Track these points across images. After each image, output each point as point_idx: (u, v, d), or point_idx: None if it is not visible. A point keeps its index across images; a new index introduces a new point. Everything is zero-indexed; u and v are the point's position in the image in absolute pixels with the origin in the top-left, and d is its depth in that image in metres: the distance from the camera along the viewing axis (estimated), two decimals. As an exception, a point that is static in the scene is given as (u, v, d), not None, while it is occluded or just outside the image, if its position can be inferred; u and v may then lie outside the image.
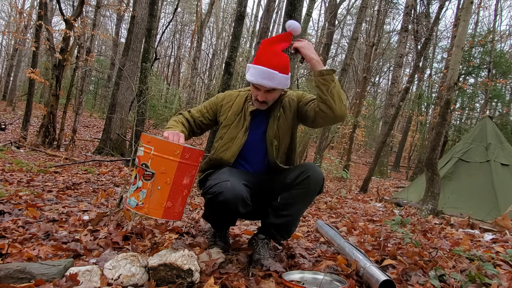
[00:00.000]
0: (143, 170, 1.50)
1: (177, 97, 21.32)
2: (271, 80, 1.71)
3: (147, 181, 1.49)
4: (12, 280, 1.30)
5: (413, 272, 1.77)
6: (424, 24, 14.72)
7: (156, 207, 1.51)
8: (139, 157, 1.52)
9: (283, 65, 1.73)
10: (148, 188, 1.49)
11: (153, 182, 1.49)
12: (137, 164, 1.53)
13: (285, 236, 1.90)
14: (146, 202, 1.50)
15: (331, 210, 4.28)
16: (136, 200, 1.50)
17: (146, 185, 1.49)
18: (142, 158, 1.51)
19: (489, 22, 21.57)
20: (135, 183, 1.52)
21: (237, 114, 1.89)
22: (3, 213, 2.25)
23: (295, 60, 4.20)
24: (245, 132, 1.86)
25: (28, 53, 20.65)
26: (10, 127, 11.62)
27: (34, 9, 18.14)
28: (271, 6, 11.46)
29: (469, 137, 5.76)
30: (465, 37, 5.00)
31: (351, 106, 14.60)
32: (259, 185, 1.82)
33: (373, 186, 8.74)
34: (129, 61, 9.29)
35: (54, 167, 4.99)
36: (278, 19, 20.55)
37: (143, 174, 1.49)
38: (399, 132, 23.97)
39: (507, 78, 15.14)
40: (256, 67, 1.72)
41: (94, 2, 12.43)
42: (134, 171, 1.56)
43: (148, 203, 1.50)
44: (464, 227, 3.66)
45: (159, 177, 1.49)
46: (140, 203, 1.50)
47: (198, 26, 17.59)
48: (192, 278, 1.43)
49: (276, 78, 1.71)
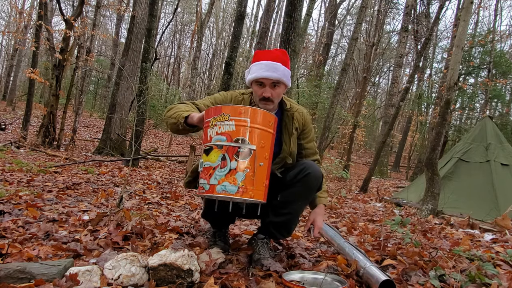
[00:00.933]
0: (235, 148, 1.26)
1: (177, 97, 21.34)
2: (275, 71, 1.69)
3: (244, 159, 1.27)
4: (12, 280, 1.30)
5: (413, 272, 1.77)
6: (424, 24, 14.72)
7: (260, 188, 1.32)
8: (227, 133, 1.28)
9: (283, 59, 1.74)
10: (247, 166, 1.27)
11: (253, 158, 1.28)
12: (223, 143, 1.28)
13: (285, 235, 1.89)
14: (248, 184, 1.28)
15: (331, 210, 4.28)
16: (233, 184, 1.26)
17: (244, 164, 1.27)
18: (235, 133, 1.28)
19: (489, 22, 21.61)
20: (224, 165, 1.27)
21: None
22: (3, 213, 2.25)
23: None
24: None
25: (28, 53, 20.66)
26: (10, 127, 11.62)
27: (34, 9, 18.15)
28: (271, 6, 11.47)
29: (469, 137, 5.76)
30: (465, 37, 5.00)
31: (351, 106, 14.61)
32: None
33: (373, 186, 8.74)
34: (129, 61, 9.30)
35: (54, 167, 4.99)
36: (278, 19, 20.57)
37: (236, 152, 1.27)
38: (399, 132, 23.98)
39: (507, 78, 15.15)
40: (257, 63, 1.72)
41: (94, 2, 12.43)
42: (215, 153, 1.29)
43: (252, 185, 1.29)
44: (464, 227, 3.66)
45: (260, 152, 1.30)
46: (241, 187, 1.27)
47: (198, 26, 17.60)
48: (192, 278, 1.43)
49: (280, 69, 1.70)
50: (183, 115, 1.58)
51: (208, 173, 1.28)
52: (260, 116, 1.32)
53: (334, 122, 13.84)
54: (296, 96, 12.20)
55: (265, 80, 1.71)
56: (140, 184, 4.52)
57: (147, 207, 3.03)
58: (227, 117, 1.28)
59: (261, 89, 1.73)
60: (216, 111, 1.31)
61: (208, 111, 1.36)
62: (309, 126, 1.93)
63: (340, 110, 14.29)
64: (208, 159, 1.30)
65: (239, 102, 1.85)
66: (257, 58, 1.75)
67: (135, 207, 2.88)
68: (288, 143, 1.83)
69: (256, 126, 1.30)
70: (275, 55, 1.73)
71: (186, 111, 1.63)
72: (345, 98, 19.89)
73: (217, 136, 1.28)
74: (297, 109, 1.89)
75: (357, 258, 1.77)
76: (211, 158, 1.29)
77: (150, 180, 5.02)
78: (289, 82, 1.76)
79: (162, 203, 3.33)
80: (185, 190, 4.31)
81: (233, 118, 1.28)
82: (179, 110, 1.65)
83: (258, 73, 1.70)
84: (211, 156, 1.29)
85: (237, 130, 1.28)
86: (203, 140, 1.36)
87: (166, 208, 3.07)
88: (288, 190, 1.76)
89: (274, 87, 1.73)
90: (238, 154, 1.27)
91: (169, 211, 2.96)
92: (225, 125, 1.28)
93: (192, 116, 1.57)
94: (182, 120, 1.58)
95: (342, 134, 16.52)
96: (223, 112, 1.29)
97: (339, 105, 13.02)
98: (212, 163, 1.28)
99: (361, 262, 1.73)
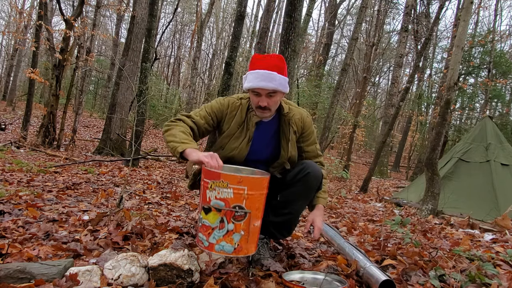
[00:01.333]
0: (233, 212, 1.37)
1: (177, 97, 21.34)
2: (271, 81, 1.67)
3: (239, 221, 1.39)
4: (12, 280, 1.30)
5: (413, 272, 1.77)
6: (424, 24, 14.72)
7: (253, 242, 1.44)
8: (226, 199, 1.37)
9: (280, 66, 1.71)
10: (242, 228, 1.39)
11: (248, 220, 1.39)
12: (222, 207, 1.38)
13: (285, 235, 1.89)
14: (243, 243, 1.40)
15: (331, 210, 4.28)
16: (230, 244, 1.39)
17: (240, 226, 1.39)
18: (233, 200, 1.38)
19: (489, 22, 21.60)
20: (222, 227, 1.38)
21: (239, 124, 1.82)
22: (3, 213, 2.25)
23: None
24: (247, 143, 1.81)
25: (28, 53, 20.66)
26: (10, 127, 11.62)
27: (34, 9, 18.14)
28: (271, 6, 11.46)
29: (469, 137, 5.76)
30: (465, 37, 5.00)
31: (351, 106, 14.61)
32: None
33: (373, 186, 8.74)
34: (129, 61, 9.30)
35: (54, 167, 4.99)
36: (278, 19, 20.56)
37: (233, 215, 1.38)
38: (399, 132, 23.98)
39: (507, 78, 15.15)
40: (253, 72, 1.70)
41: (94, 2, 12.43)
42: (214, 215, 1.39)
43: (247, 243, 1.41)
44: (464, 227, 3.66)
45: (255, 214, 1.41)
46: (236, 246, 1.40)
47: (198, 26, 17.59)
48: (192, 278, 1.43)
49: (276, 79, 1.68)
50: (178, 149, 1.56)
51: (207, 232, 1.40)
52: (256, 183, 1.41)
53: (334, 122, 13.84)
54: (296, 96, 12.20)
55: (261, 90, 1.69)
56: (140, 184, 4.51)
57: (147, 207, 3.03)
58: (226, 185, 1.37)
59: (257, 98, 1.73)
60: (215, 176, 1.38)
61: (207, 172, 1.42)
62: (309, 129, 1.91)
63: (340, 110, 14.30)
64: (207, 218, 1.40)
65: (237, 108, 1.83)
66: (254, 65, 1.72)
67: (135, 207, 2.88)
68: (286, 148, 1.82)
69: (252, 193, 1.39)
70: (272, 63, 1.69)
71: (182, 143, 1.59)
72: (345, 98, 19.89)
73: (216, 200, 1.37)
74: (295, 113, 1.87)
75: (357, 258, 1.77)
76: (209, 218, 1.40)
77: (150, 180, 5.02)
78: (286, 89, 1.74)
79: (162, 203, 3.33)
80: (185, 190, 4.31)
81: (232, 186, 1.36)
82: (175, 140, 1.61)
83: (254, 83, 1.68)
84: (210, 216, 1.40)
85: (235, 197, 1.37)
86: (202, 198, 1.44)
87: (166, 208, 3.07)
88: (288, 190, 1.76)
89: (271, 97, 1.72)
90: (235, 217, 1.38)
91: (169, 211, 2.96)
92: (223, 192, 1.37)
93: (188, 154, 1.54)
94: (177, 155, 1.57)
95: (342, 134, 16.53)
96: (222, 179, 1.37)
97: (339, 105, 13.02)
98: (211, 224, 1.39)
99: (361, 262, 1.73)
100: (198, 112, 1.82)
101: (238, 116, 1.83)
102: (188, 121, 1.74)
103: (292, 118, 1.85)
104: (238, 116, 1.83)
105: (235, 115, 1.83)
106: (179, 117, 1.76)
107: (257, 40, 11.23)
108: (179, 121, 1.74)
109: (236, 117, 1.83)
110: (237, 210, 1.38)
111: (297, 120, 1.87)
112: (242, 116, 1.83)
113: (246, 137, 1.81)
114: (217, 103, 1.85)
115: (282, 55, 1.91)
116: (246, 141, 1.81)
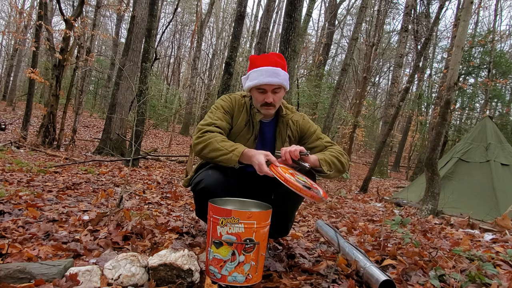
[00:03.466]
0: (243, 244, 1.46)
1: (177, 97, 21.36)
2: (277, 76, 1.70)
3: (249, 253, 1.47)
4: (12, 280, 1.30)
5: (413, 272, 1.77)
6: (424, 24, 14.73)
7: (260, 271, 1.53)
8: (237, 234, 1.46)
9: (282, 63, 1.75)
10: (252, 258, 1.47)
11: (257, 251, 1.48)
12: (234, 241, 1.46)
13: (283, 233, 1.89)
14: (253, 272, 1.48)
15: (331, 210, 4.28)
16: (242, 275, 1.47)
17: (249, 257, 1.47)
18: (244, 234, 1.46)
19: (489, 22, 21.63)
20: (234, 259, 1.46)
21: (246, 121, 1.84)
22: (3, 213, 2.25)
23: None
24: (254, 140, 1.84)
25: (28, 53, 20.67)
26: (10, 127, 11.62)
27: (34, 9, 18.15)
28: (271, 6, 11.47)
29: (469, 137, 5.76)
30: (465, 37, 5.00)
31: (351, 106, 14.60)
32: (252, 184, 1.84)
33: (373, 186, 8.74)
34: (129, 61, 9.30)
35: (54, 167, 4.99)
36: (278, 19, 20.59)
37: (244, 248, 1.46)
38: (399, 132, 23.98)
39: (507, 78, 15.15)
40: (257, 69, 1.72)
41: (94, 2, 12.43)
42: (225, 248, 1.47)
43: (256, 272, 1.49)
44: (464, 227, 3.66)
45: (263, 244, 1.50)
46: (247, 276, 1.48)
47: (198, 26, 17.60)
48: (192, 278, 1.43)
49: (281, 75, 1.71)
50: (233, 158, 1.59)
51: (219, 265, 1.48)
52: (264, 216, 1.51)
53: (334, 122, 13.83)
54: (296, 96, 12.19)
55: (267, 86, 1.71)
56: (140, 184, 4.51)
57: (147, 207, 3.03)
58: (237, 220, 1.46)
59: (262, 95, 1.74)
60: (226, 213, 1.47)
61: (216, 210, 1.49)
62: (310, 129, 1.92)
63: (340, 110, 14.30)
64: (218, 252, 1.48)
65: (242, 105, 1.85)
66: (256, 64, 1.74)
67: (135, 207, 2.88)
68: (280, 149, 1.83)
69: (261, 226, 1.49)
70: (274, 60, 1.73)
71: (231, 151, 1.61)
72: (345, 98, 19.89)
73: (228, 235, 1.46)
74: (292, 117, 1.89)
75: (357, 258, 1.77)
76: (221, 252, 1.48)
77: (150, 180, 5.02)
78: (288, 86, 1.78)
79: (162, 203, 3.33)
80: (185, 190, 4.31)
81: (243, 222, 1.46)
82: (224, 153, 1.62)
83: (260, 80, 1.69)
84: (222, 250, 1.48)
85: (246, 231, 1.46)
86: (212, 233, 1.50)
87: (166, 208, 3.07)
88: (281, 187, 1.75)
89: (276, 92, 1.74)
90: (245, 249, 1.47)
91: (169, 211, 2.96)
92: (235, 227, 1.46)
93: (246, 159, 1.60)
94: (236, 166, 1.62)
95: (342, 134, 16.51)
96: (233, 215, 1.47)
97: (339, 105, 13.02)
98: (223, 257, 1.47)
99: (361, 262, 1.73)
100: (214, 116, 1.79)
101: (244, 113, 1.85)
102: (216, 129, 1.72)
103: (290, 120, 1.89)
104: (244, 113, 1.85)
105: (241, 112, 1.85)
106: (205, 130, 1.71)
107: (257, 40, 11.23)
108: (209, 133, 1.69)
109: (242, 114, 1.85)
110: (248, 243, 1.46)
111: (292, 124, 1.90)
112: (247, 113, 1.85)
113: (252, 134, 1.84)
114: (225, 101, 1.86)
115: (282, 55, 1.94)
116: (253, 139, 1.84)
